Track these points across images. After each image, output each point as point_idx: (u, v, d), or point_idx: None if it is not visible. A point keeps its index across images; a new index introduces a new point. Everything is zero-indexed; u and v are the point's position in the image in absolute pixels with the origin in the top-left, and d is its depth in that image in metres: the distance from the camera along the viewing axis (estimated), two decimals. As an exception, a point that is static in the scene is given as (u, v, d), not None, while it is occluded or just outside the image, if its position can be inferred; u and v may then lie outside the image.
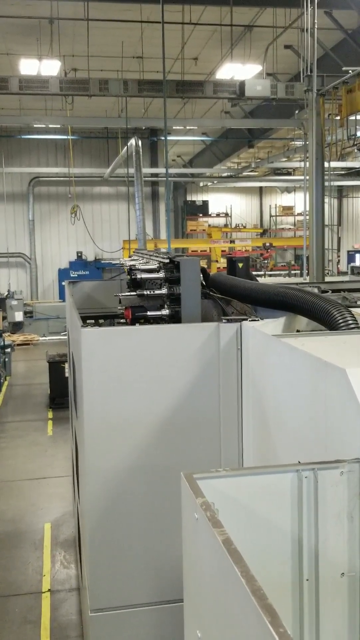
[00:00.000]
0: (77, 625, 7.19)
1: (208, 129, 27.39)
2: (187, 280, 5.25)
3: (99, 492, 4.73)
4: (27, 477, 11.61)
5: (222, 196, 35.74)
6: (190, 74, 18.95)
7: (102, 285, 9.74)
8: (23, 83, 16.22)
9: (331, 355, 3.20)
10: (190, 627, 2.60)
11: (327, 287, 7.20)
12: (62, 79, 16.68)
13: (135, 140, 20.10)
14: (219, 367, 4.76)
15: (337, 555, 2.59)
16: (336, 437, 3.02)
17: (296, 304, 4.75)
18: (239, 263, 6.85)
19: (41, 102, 21.88)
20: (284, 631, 1.56)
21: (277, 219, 36.23)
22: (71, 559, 8.62)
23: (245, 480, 2.56)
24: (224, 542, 1.98)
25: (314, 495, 2.58)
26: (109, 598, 4.84)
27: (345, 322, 4.24)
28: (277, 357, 3.92)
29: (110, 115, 25.02)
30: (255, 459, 4.53)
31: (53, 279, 32.20)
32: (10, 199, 31.00)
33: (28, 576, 8.26)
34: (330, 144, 17.39)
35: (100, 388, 4.65)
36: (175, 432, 4.76)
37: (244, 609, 1.76)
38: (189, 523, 2.44)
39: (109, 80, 16.62)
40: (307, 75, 14.43)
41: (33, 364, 21.82)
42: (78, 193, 29.53)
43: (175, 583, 3.66)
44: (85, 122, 24.08)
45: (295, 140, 26.22)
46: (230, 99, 17.17)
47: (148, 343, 4.71)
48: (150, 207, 32.11)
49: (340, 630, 2.61)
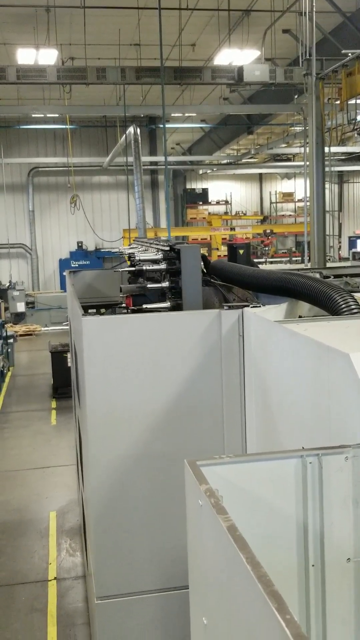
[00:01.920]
0: (83, 612, 7.22)
1: (207, 116, 27.25)
2: (187, 267, 5.23)
3: (103, 481, 4.73)
4: (31, 467, 11.64)
5: (222, 183, 35.62)
6: (188, 61, 18.84)
7: (103, 275, 9.71)
8: (20, 72, 16.13)
9: (334, 340, 3.18)
10: (196, 614, 2.60)
11: (329, 273, 7.17)
12: (60, 68, 16.59)
13: (134, 129, 20.01)
14: (221, 354, 4.74)
15: (342, 541, 2.58)
16: (340, 422, 3.00)
17: (298, 289, 4.73)
18: (239, 250, 6.82)
19: (39, 91, 21.77)
20: (291, 617, 1.55)
21: (277, 205, 36.12)
22: (77, 546, 8.65)
23: (249, 466, 2.55)
24: (228, 529, 1.97)
25: (319, 480, 2.57)
26: (115, 585, 4.85)
27: (347, 307, 4.22)
28: (279, 343, 3.90)
29: (108, 104, 24.90)
30: (258, 445, 4.52)
31: (54, 269, 32.17)
32: (10, 189, 30.92)
33: (34, 564, 8.30)
34: (331, 128, 17.30)
35: (103, 376, 4.64)
36: (178, 419, 4.75)
37: (250, 595, 1.75)
38: (193, 510, 2.44)
39: (106, 68, 16.52)
40: (306, 59, 14.34)
41: (36, 354, 21.84)
42: (77, 183, 29.43)
43: (181, 570, 3.66)
44: (83, 111, 23.96)
45: (294, 126, 26.10)
46: (229, 84, 17.07)
47: (149, 331, 4.70)
48: (149, 195, 32.02)
49: (346, 615, 2.60)
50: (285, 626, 1.53)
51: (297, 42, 16.09)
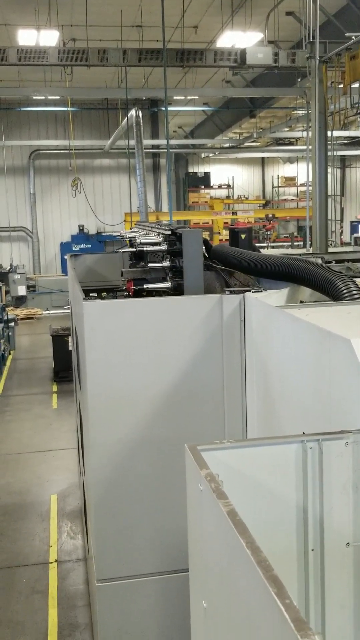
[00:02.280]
0: (84, 594, 7.27)
1: (209, 99, 27.08)
2: (189, 251, 5.22)
3: (104, 464, 4.75)
4: (32, 450, 11.69)
5: (224, 167, 35.46)
6: (190, 43, 18.69)
7: (105, 258, 9.69)
8: (21, 54, 16.03)
9: (335, 325, 3.17)
10: (195, 598, 2.62)
11: (330, 258, 7.15)
12: (61, 49, 16.48)
13: (136, 111, 19.87)
14: (222, 339, 4.74)
15: (342, 526, 2.59)
16: (341, 408, 3.00)
17: (300, 274, 4.71)
18: (241, 234, 6.79)
19: (40, 73, 21.62)
20: (290, 602, 1.56)
21: (279, 189, 35.97)
22: (77, 529, 8.70)
23: (250, 451, 2.55)
24: (228, 513, 1.98)
25: (319, 466, 2.57)
26: (115, 568, 4.88)
27: (349, 293, 4.21)
28: (280, 328, 3.89)
29: (110, 86, 24.74)
30: (259, 430, 4.53)
31: (55, 252, 32.12)
32: (11, 172, 30.80)
33: (35, 547, 8.35)
34: (333, 112, 17.19)
35: (103, 360, 4.64)
36: (179, 404, 4.76)
37: (250, 580, 1.76)
38: (193, 494, 2.44)
39: (108, 50, 16.41)
40: (309, 42, 14.22)
41: (37, 337, 21.86)
42: (79, 166, 29.30)
43: (181, 553, 3.68)
44: (84, 93, 23.83)
45: (297, 109, 25.93)
46: (231, 67, 16.94)
47: (150, 315, 4.69)
48: (151, 179, 31.90)
49: (345, 600, 2.62)
50: (285, 610, 1.54)
51: (301, 24, 15.94)
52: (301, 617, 1.51)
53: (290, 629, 1.48)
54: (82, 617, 6.91)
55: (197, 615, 2.61)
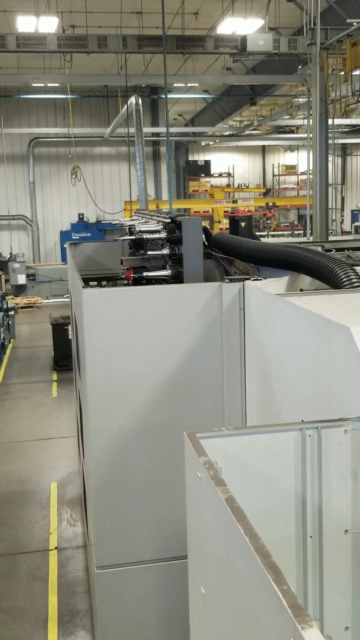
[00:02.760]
0: (84, 581, 7.31)
1: (209, 86, 26.93)
2: (189, 239, 5.20)
3: (103, 452, 4.76)
4: (33, 438, 11.71)
5: (224, 155, 35.32)
6: (190, 29, 18.56)
7: (104, 247, 9.66)
8: (20, 40, 15.92)
9: (335, 313, 3.17)
10: (194, 584, 2.63)
11: (330, 246, 7.14)
12: (60, 36, 16.37)
13: (136, 99, 19.78)
14: (222, 327, 4.73)
15: (340, 513, 2.60)
16: (340, 396, 3.00)
17: (299, 262, 4.70)
18: (241, 222, 6.78)
19: (39, 60, 21.49)
20: (288, 588, 1.56)
21: (280, 178, 35.85)
22: (77, 517, 8.73)
23: (249, 439, 2.55)
24: (227, 500, 1.98)
25: (318, 453, 2.57)
26: (115, 555, 4.90)
27: (349, 281, 4.20)
28: (280, 316, 3.89)
29: (109, 74, 24.60)
30: (258, 418, 4.53)
31: (55, 241, 32.05)
32: (10, 160, 30.69)
33: (35, 534, 8.39)
34: (334, 100, 17.10)
35: (103, 349, 4.64)
36: (179, 392, 4.76)
37: (248, 566, 1.76)
38: (192, 482, 2.44)
39: (107, 37, 16.30)
40: (310, 29, 14.12)
41: (37, 326, 21.86)
42: (78, 154, 29.20)
43: (180, 540, 3.69)
44: (84, 80, 23.70)
45: (298, 97, 25.79)
46: (232, 54, 16.85)
47: (150, 303, 4.68)
48: (151, 167, 31.79)
49: (343, 586, 2.63)
50: (282, 597, 1.54)
51: (302, 11, 15.83)
52: (299, 603, 1.52)
53: (288, 615, 1.49)
54: (82, 603, 6.95)
55: (195, 602, 2.63)
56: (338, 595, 2.63)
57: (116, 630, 5.04)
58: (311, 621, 1.47)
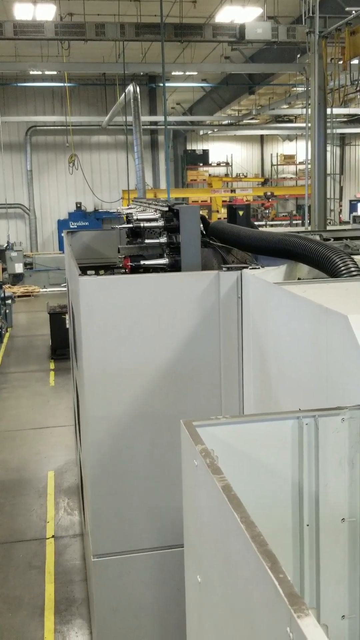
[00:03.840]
0: (80, 570, 7.33)
1: (208, 75, 26.80)
2: (186, 228, 5.18)
3: (100, 440, 4.75)
4: (30, 427, 11.72)
5: (223, 145, 35.20)
6: (189, 18, 18.43)
7: (101, 235, 9.63)
8: (18, 28, 15.83)
9: (333, 302, 3.15)
10: (190, 573, 2.62)
11: (329, 235, 7.11)
12: (58, 24, 16.27)
13: (133, 87, 19.68)
14: (220, 316, 4.72)
15: (337, 501, 2.59)
16: (337, 384, 2.99)
17: (298, 251, 4.68)
18: (239, 211, 6.74)
19: (37, 48, 21.37)
20: (284, 576, 1.55)
21: (278, 167, 35.75)
22: (74, 505, 8.75)
23: (246, 427, 2.54)
24: (223, 488, 1.97)
25: (315, 442, 2.56)
26: (111, 543, 4.91)
27: (347, 270, 4.18)
28: (278, 304, 3.87)
29: (107, 62, 24.45)
30: (255, 406, 4.53)
31: (52, 230, 31.97)
32: (8, 148, 30.54)
33: (32, 523, 8.40)
34: (333, 89, 17.02)
35: (100, 337, 4.62)
36: (176, 380, 4.75)
37: (244, 554, 1.75)
38: (188, 470, 2.44)
39: (105, 24, 16.21)
40: (309, 17, 14.04)
41: (34, 315, 21.83)
42: (76, 142, 29.07)
43: (176, 528, 3.69)
44: (82, 68, 23.55)
45: (297, 86, 25.67)
46: (230, 42, 16.77)
47: (147, 292, 4.66)
48: (149, 156, 31.67)
49: (340, 575, 2.62)
50: (278, 585, 1.53)
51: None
52: (295, 592, 1.51)
53: (284, 603, 1.48)
54: (78, 592, 6.97)
55: (191, 590, 2.62)
56: (334, 583, 2.63)
57: (113, 618, 5.05)
58: (307, 610, 1.46)
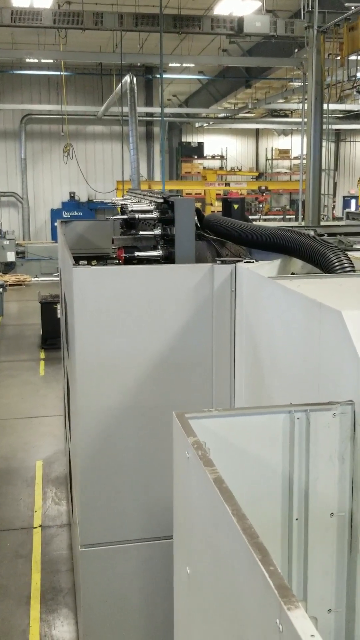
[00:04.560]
0: (67, 559, 7.34)
1: (205, 67, 26.71)
2: (181, 220, 5.17)
3: (90, 431, 4.75)
4: (19, 416, 11.70)
5: (218, 138, 35.13)
6: (187, 9, 18.36)
7: (95, 226, 9.60)
8: (15, 15, 15.71)
9: (327, 297, 3.16)
10: (179, 564, 2.63)
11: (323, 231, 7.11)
12: (56, 12, 16.15)
13: (130, 78, 19.57)
14: (213, 309, 4.72)
15: (327, 496, 2.61)
16: (329, 379, 3.00)
17: (292, 246, 4.68)
18: (234, 204, 6.74)
19: (34, 36, 21.22)
20: (274, 569, 1.56)
21: (273, 162, 35.72)
22: (62, 495, 8.75)
23: (238, 420, 2.55)
24: (215, 481, 1.98)
25: (306, 436, 2.58)
26: (100, 534, 4.91)
27: (341, 265, 4.19)
28: (271, 298, 3.88)
29: (104, 51, 24.32)
30: (247, 400, 4.54)
31: (45, 219, 31.85)
32: (2, 136, 30.39)
33: (20, 512, 8.39)
34: (330, 85, 17.00)
35: (92, 328, 4.61)
36: (168, 372, 4.75)
37: (235, 546, 1.76)
38: (180, 462, 2.44)
39: (103, 14, 16.10)
40: (308, 12, 14.01)
41: (25, 304, 21.77)
42: (71, 131, 28.94)
43: (166, 520, 3.70)
44: (78, 57, 23.42)
45: (293, 81, 25.63)
46: (229, 35, 16.70)
47: (141, 283, 4.66)
48: (144, 147, 31.57)
49: (328, 567, 2.64)
50: (269, 577, 1.54)
51: (300, -7, 15.68)
52: (285, 584, 1.52)
53: (274, 595, 1.49)
54: (65, 581, 6.98)
55: (180, 581, 2.63)
56: (322, 577, 2.65)
57: (100, 608, 5.06)
58: (297, 602, 1.47)
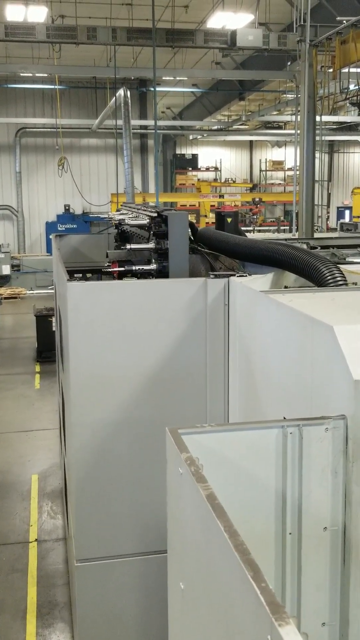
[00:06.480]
0: (63, 573, 7.31)
1: (198, 80, 26.87)
2: (175, 234, 5.20)
3: (85, 444, 4.76)
4: (14, 430, 11.67)
5: (212, 150, 35.29)
6: (180, 23, 18.49)
7: (90, 239, 9.63)
8: (9, 30, 15.82)
9: (319, 312, 3.18)
10: (173, 579, 2.64)
11: (316, 244, 7.17)
12: (49, 26, 16.27)
13: (124, 91, 19.67)
14: (206, 323, 4.74)
15: (320, 510, 2.62)
16: (322, 394, 3.02)
17: (284, 260, 4.71)
18: (227, 218, 6.78)
19: (28, 50, 21.34)
20: (266, 585, 1.58)
21: (267, 173, 35.88)
22: (58, 509, 8.72)
23: (231, 435, 2.57)
24: (207, 497, 1.99)
25: (299, 451, 2.59)
26: (95, 548, 4.90)
27: (333, 279, 4.22)
28: (264, 313, 3.90)
29: (98, 65, 24.46)
30: (241, 414, 4.55)
31: (40, 232, 31.87)
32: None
33: (15, 526, 8.37)
34: (323, 97, 17.14)
35: (87, 342, 4.63)
36: (162, 387, 4.76)
37: (227, 563, 1.77)
38: (173, 477, 2.45)
39: (97, 28, 16.23)
40: (300, 25, 14.12)
41: (20, 317, 21.76)
42: (65, 145, 29.03)
43: (160, 534, 3.70)
44: (72, 71, 23.56)
45: (286, 93, 25.82)
46: (222, 48, 16.83)
47: (135, 298, 4.68)
48: (139, 160, 31.68)
49: (321, 582, 2.65)
50: (260, 594, 1.55)
51: (292, 7, 15.82)
52: (276, 601, 1.53)
53: (266, 611, 1.50)
54: (61, 595, 6.95)
55: (174, 597, 2.64)
56: (315, 591, 2.65)
57: (95, 622, 5.05)
58: (288, 618, 1.48)
